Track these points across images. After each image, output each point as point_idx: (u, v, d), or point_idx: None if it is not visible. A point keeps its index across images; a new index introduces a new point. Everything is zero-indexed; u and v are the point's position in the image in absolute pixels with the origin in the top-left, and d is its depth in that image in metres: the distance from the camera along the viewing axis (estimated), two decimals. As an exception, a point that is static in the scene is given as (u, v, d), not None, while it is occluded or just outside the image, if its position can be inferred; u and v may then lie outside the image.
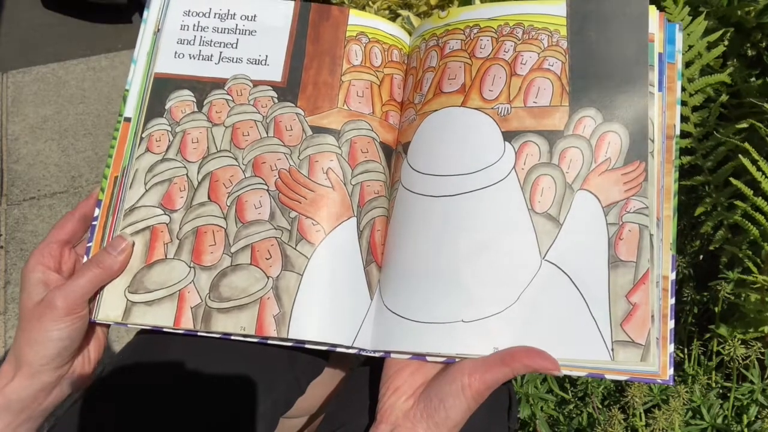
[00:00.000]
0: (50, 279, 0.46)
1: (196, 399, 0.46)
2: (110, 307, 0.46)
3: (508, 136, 0.46)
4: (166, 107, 0.51)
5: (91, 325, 0.48)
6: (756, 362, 0.77)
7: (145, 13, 0.53)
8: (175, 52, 0.53)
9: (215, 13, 0.54)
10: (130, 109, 0.50)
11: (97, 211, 0.49)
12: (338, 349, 0.45)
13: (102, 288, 0.47)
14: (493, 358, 0.40)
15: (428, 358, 0.42)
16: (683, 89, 0.86)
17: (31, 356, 0.44)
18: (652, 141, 0.43)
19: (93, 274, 0.45)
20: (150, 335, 0.49)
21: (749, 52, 0.94)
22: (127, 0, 2.41)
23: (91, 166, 1.69)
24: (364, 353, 0.45)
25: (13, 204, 1.58)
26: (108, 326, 0.50)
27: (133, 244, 0.48)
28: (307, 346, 0.45)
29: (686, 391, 0.72)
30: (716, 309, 0.82)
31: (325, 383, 0.54)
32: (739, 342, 0.74)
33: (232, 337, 0.46)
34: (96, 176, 1.66)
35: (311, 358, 0.50)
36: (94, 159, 1.71)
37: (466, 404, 0.39)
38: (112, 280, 0.47)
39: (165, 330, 0.46)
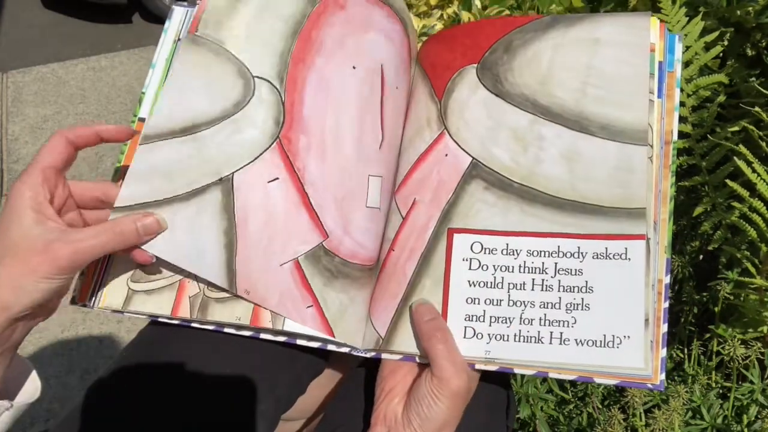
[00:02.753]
0: (46, 212, 0.40)
1: (197, 398, 0.46)
2: (112, 296, 0.47)
3: None
4: None
5: None
6: (756, 362, 0.77)
7: (167, 23, 0.56)
8: None
9: None
10: (145, 110, 0.52)
11: None
12: (329, 347, 0.45)
13: (105, 277, 0.47)
14: None
15: (417, 359, 0.42)
16: (681, 89, 0.86)
17: (12, 302, 0.38)
18: (651, 146, 0.44)
19: (110, 241, 0.41)
20: (151, 335, 0.49)
21: (749, 52, 0.94)
22: (127, 0, 2.41)
23: (91, 167, 1.69)
24: (355, 353, 0.46)
25: (13, 204, 1.58)
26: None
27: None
28: (298, 342, 0.45)
29: (686, 391, 0.71)
30: (716, 309, 0.82)
31: (324, 384, 0.54)
32: (739, 342, 0.74)
33: (225, 330, 0.46)
34: (96, 176, 1.66)
35: (311, 358, 0.51)
36: (94, 159, 1.71)
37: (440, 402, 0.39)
38: (120, 253, 0.44)
39: (161, 320, 0.46)
